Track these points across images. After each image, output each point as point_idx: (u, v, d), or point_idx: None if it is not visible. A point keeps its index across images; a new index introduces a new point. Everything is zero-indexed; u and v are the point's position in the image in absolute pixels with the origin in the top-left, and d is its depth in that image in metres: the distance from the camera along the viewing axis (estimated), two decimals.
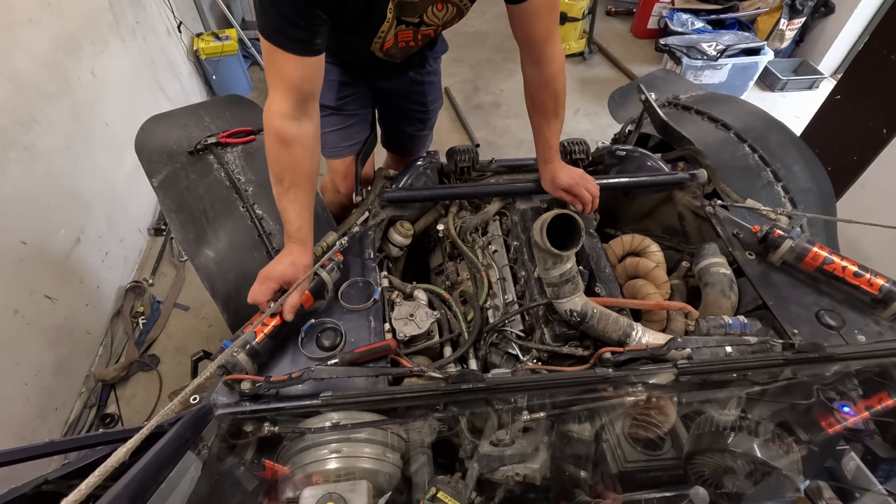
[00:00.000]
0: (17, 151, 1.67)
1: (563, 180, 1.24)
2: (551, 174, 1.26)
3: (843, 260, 1.06)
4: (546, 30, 1.07)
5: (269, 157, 1.01)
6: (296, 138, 0.99)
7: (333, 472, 0.77)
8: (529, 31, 1.07)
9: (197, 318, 2.24)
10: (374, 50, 1.18)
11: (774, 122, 1.54)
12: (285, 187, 1.01)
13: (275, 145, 1.00)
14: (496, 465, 0.81)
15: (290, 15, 0.89)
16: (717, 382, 0.97)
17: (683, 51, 3.42)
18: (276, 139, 0.99)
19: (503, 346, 1.14)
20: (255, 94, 3.48)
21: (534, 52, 1.11)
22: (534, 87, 1.16)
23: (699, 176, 1.35)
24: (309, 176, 1.04)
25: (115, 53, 2.29)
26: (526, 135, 3.14)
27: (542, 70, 1.13)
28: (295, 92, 0.96)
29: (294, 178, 1.01)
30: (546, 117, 1.20)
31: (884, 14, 2.53)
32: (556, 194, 1.29)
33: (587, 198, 1.24)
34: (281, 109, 0.97)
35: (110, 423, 1.89)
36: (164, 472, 0.64)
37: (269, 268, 0.99)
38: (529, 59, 1.13)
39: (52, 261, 1.82)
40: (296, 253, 1.01)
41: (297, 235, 1.02)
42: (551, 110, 1.19)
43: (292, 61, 0.93)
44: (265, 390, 0.85)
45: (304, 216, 1.04)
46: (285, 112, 0.97)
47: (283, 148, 0.99)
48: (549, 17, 1.06)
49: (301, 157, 1.01)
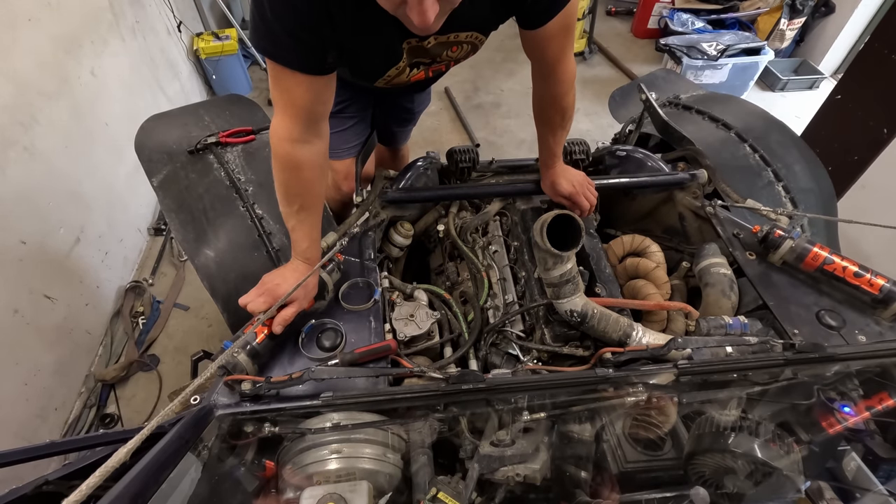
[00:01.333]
0: (16, 151, 1.67)
1: (564, 188, 1.26)
2: (552, 179, 1.27)
3: (844, 260, 1.05)
4: (559, 51, 1.03)
5: (277, 181, 0.97)
6: (306, 162, 0.94)
7: (334, 472, 0.77)
8: (542, 52, 1.04)
9: (197, 318, 2.24)
10: (379, 85, 1.15)
11: (775, 122, 1.54)
12: (295, 209, 0.98)
13: (283, 171, 0.95)
14: (496, 465, 0.81)
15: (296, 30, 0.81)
16: (717, 383, 0.97)
17: (684, 51, 3.42)
18: (286, 165, 0.94)
19: (503, 346, 1.14)
20: (256, 94, 3.48)
21: (544, 70, 1.08)
22: (543, 101, 1.15)
23: (699, 176, 1.35)
24: (320, 197, 1.02)
25: (114, 53, 2.29)
26: (526, 134, 3.14)
27: (551, 86, 1.10)
28: (306, 114, 0.91)
29: (304, 202, 0.98)
30: (552, 129, 1.19)
31: (884, 14, 2.52)
32: (556, 199, 1.30)
33: (585, 206, 1.27)
34: (291, 134, 0.91)
35: (110, 423, 1.89)
36: (165, 472, 0.64)
37: (274, 282, 0.96)
38: (539, 73, 1.10)
39: (51, 261, 1.82)
40: (302, 271, 0.99)
41: (306, 255, 1.01)
42: (558, 124, 1.18)
43: (302, 82, 0.87)
44: (266, 391, 0.85)
45: (314, 236, 1.02)
46: (295, 137, 0.92)
47: (292, 173, 0.95)
48: (564, 39, 1.01)
49: (311, 180, 0.97)
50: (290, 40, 0.82)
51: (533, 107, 1.19)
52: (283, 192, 0.98)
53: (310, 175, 0.97)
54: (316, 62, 0.87)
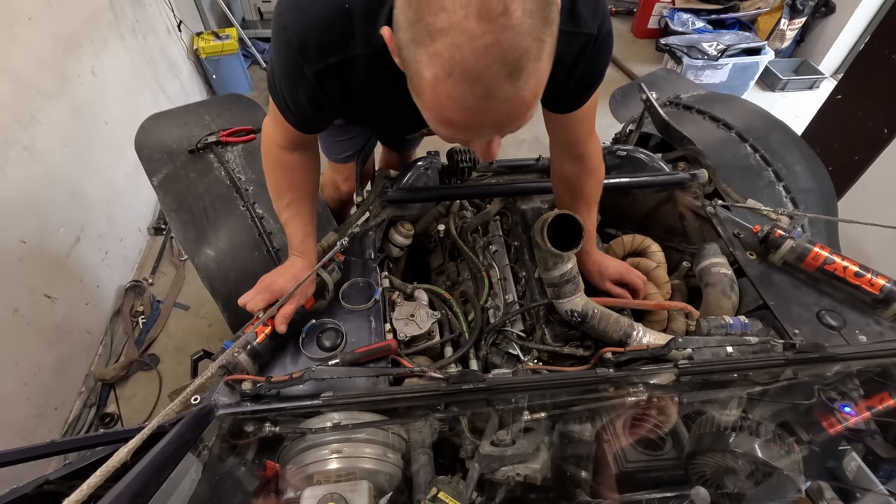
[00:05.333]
0: (16, 150, 1.66)
1: (612, 271, 1.15)
2: (597, 266, 1.16)
3: (844, 260, 1.05)
4: (589, 129, 1.01)
5: (268, 176, 0.99)
6: (295, 165, 0.97)
7: (334, 472, 0.77)
8: (573, 135, 1.01)
9: (197, 317, 2.24)
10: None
11: (776, 122, 1.54)
12: (285, 203, 1.00)
13: (273, 170, 0.98)
14: (497, 465, 0.81)
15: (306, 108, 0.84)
16: (717, 382, 0.97)
17: (684, 50, 3.42)
18: (274, 164, 0.97)
19: (504, 346, 1.14)
20: (256, 94, 3.47)
21: (576, 151, 1.04)
22: (576, 178, 1.09)
23: (700, 176, 1.35)
24: (311, 192, 1.03)
25: (115, 52, 2.29)
26: (526, 135, 3.14)
27: (585, 164, 1.06)
28: (292, 137, 0.94)
29: (294, 196, 0.99)
30: (588, 206, 1.12)
31: (884, 14, 2.53)
32: (604, 286, 1.16)
33: (639, 283, 1.14)
34: (279, 142, 0.95)
35: (110, 422, 1.89)
36: (166, 472, 0.64)
37: (271, 279, 0.97)
38: (568, 155, 1.06)
39: (51, 260, 1.82)
40: (298, 267, 1.00)
41: (301, 249, 1.01)
42: (593, 199, 1.12)
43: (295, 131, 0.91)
44: (266, 391, 0.85)
45: (308, 230, 1.02)
46: (282, 144, 0.95)
47: (281, 172, 0.98)
48: (592, 117, 0.98)
49: (301, 179, 0.99)
50: (294, 107, 0.84)
51: (560, 190, 1.15)
52: (274, 188, 1.00)
53: (299, 175, 0.99)
54: (315, 127, 0.92)
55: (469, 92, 0.55)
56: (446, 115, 0.60)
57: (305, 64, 0.75)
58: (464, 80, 0.54)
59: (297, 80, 0.78)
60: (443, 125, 0.63)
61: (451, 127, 0.62)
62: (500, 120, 0.60)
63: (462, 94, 0.55)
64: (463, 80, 0.54)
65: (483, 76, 0.54)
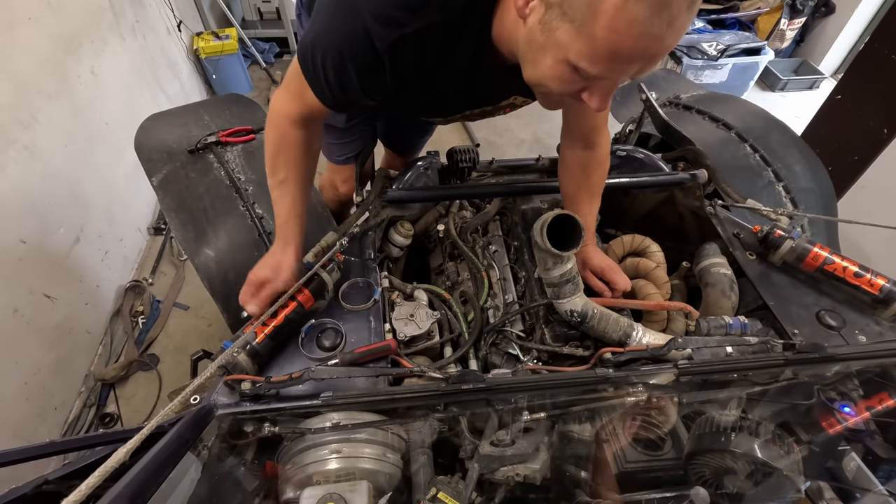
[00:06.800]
0: (16, 150, 1.67)
1: (595, 263, 1.15)
2: (583, 255, 1.16)
3: (844, 260, 1.05)
4: (605, 119, 1.06)
5: (267, 148, 0.99)
6: (298, 142, 0.98)
7: (334, 472, 0.77)
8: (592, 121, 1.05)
9: (197, 317, 2.24)
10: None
11: (776, 122, 1.54)
12: (279, 180, 1.00)
13: (274, 142, 0.98)
14: (496, 465, 0.81)
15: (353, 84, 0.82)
16: (717, 383, 0.97)
17: (684, 50, 3.42)
18: (278, 137, 0.97)
19: (503, 346, 1.14)
20: (255, 94, 3.47)
21: (591, 138, 1.08)
22: (585, 167, 1.12)
23: (700, 176, 1.35)
24: (304, 175, 1.03)
25: (114, 52, 2.29)
26: (526, 135, 3.14)
27: (595, 153, 1.10)
28: (309, 112, 0.94)
29: (288, 174, 1.00)
30: (591, 197, 1.15)
31: (884, 14, 2.53)
32: (583, 274, 1.15)
33: (620, 283, 1.13)
34: (290, 114, 0.95)
35: (110, 422, 1.89)
36: (165, 472, 0.64)
37: (254, 268, 0.98)
38: (582, 143, 1.10)
39: (51, 260, 1.82)
40: (278, 253, 1.00)
41: (283, 231, 1.01)
42: (597, 191, 1.15)
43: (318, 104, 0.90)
44: (265, 391, 0.85)
45: (294, 211, 1.01)
46: (293, 118, 0.95)
47: (283, 146, 0.98)
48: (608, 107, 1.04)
49: (299, 157, 1.00)
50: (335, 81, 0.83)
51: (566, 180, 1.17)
52: (271, 163, 0.99)
53: (299, 153, 0.99)
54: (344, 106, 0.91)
55: (657, 17, 0.56)
56: (618, 42, 0.59)
57: (377, 38, 0.73)
58: (656, 3, 0.55)
59: (357, 53, 0.77)
60: (602, 56, 0.61)
61: (612, 58, 0.61)
62: (660, 52, 0.61)
63: (649, 18, 0.56)
64: (656, 2, 0.55)
65: (672, 2, 0.55)
